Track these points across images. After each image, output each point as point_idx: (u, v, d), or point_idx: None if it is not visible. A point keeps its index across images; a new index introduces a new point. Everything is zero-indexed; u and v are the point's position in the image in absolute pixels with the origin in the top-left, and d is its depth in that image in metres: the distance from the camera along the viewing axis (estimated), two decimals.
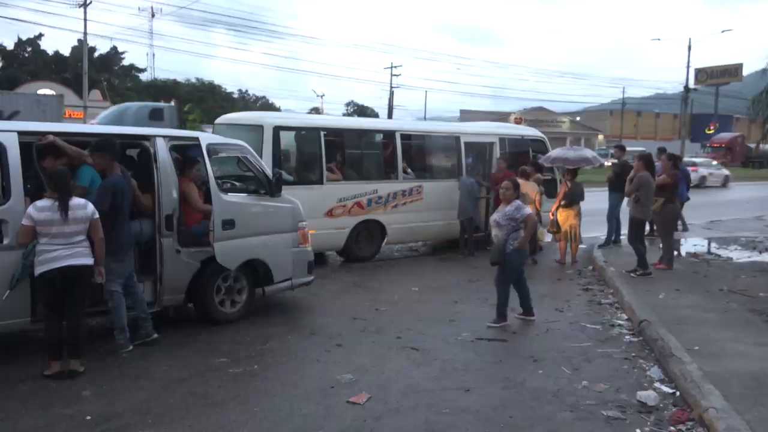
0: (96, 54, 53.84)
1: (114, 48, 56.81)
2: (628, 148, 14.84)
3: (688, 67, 45.45)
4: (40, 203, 4.95)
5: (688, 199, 12.76)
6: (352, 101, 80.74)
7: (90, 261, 5.08)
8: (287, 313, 7.21)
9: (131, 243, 5.80)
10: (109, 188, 5.48)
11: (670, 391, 4.88)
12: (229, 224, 6.31)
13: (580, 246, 10.89)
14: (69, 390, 4.78)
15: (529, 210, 6.74)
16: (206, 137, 6.60)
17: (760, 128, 15.04)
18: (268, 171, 6.98)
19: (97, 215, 5.11)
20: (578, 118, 69.19)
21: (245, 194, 6.89)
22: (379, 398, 4.69)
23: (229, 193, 6.61)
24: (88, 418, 4.32)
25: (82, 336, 5.20)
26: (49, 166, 5.31)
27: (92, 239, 5.12)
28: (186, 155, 6.58)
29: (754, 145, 29.67)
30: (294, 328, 6.60)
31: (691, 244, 12.38)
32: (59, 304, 5.02)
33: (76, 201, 5.02)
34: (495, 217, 6.86)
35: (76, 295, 5.08)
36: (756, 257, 10.99)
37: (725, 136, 47.63)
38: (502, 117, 55.24)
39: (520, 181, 10.75)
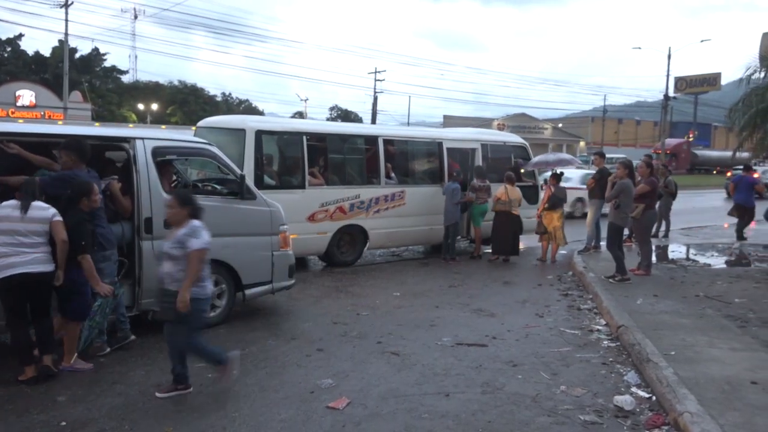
0: (77, 55, 53.28)
1: (95, 49, 56.35)
2: (608, 155, 15.15)
3: (667, 75, 46.16)
4: (5, 203, 4.94)
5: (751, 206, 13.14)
6: (336, 106, 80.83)
7: (49, 268, 4.96)
8: (268, 318, 7.18)
9: (115, 241, 5.74)
10: (59, 178, 5.44)
11: (647, 395, 4.93)
12: None
13: (560, 250, 11.17)
14: (44, 395, 4.72)
15: (201, 243, 4.63)
16: (152, 139, 6.33)
17: (737, 137, 15.29)
18: (238, 173, 6.86)
19: (58, 218, 5.01)
20: (560, 125, 69.84)
21: (203, 195, 6.78)
22: (359, 403, 4.69)
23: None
24: (63, 423, 4.26)
25: (51, 334, 5.16)
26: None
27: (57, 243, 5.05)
28: None
29: (731, 153, 30.20)
30: (274, 332, 6.57)
31: (669, 250, 12.55)
32: (24, 310, 4.96)
33: (37, 203, 5.00)
34: (165, 246, 4.74)
35: (38, 302, 5.02)
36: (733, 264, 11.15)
37: (670, 142, 47.99)
38: (485, 123, 55.65)
39: (507, 186, 11.09)
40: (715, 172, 49.92)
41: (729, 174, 13.84)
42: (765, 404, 4.49)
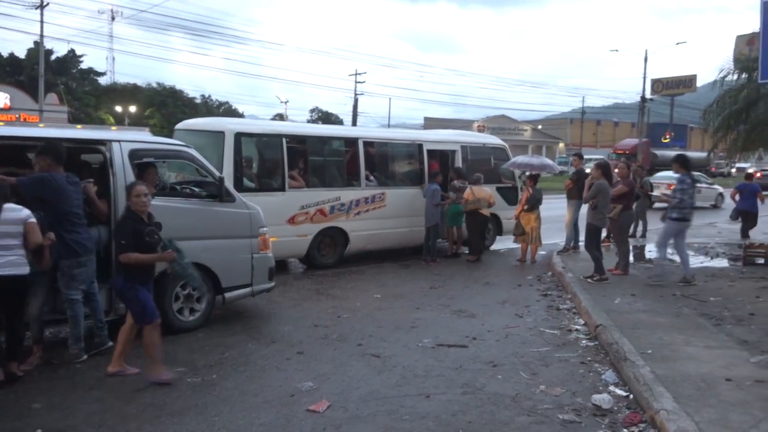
0: (53, 57, 52.48)
1: (72, 51, 55.49)
2: (586, 157, 15.41)
3: (644, 77, 46.76)
4: None
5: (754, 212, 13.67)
6: (317, 108, 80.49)
7: (22, 271, 4.92)
8: (247, 321, 7.14)
9: (92, 247, 5.66)
10: (37, 179, 5.35)
11: (624, 394, 4.99)
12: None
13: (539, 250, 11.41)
14: (19, 402, 4.65)
15: None
16: (129, 141, 6.24)
17: (712, 138, 15.63)
18: (217, 175, 6.81)
19: (32, 219, 4.96)
20: (539, 127, 70.46)
21: (182, 198, 6.74)
22: (339, 406, 4.69)
23: (156, 197, 6.41)
24: (39, 431, 4.20)
25: (22, 340, 5.12)
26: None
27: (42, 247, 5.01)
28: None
29: (705, 154, 30.76)
30: (254, 336, 6.54)
31: (646, 250, 12.71)
32: None
33: (10, 206, 4.95)
34: None
35: (9, 305, 4.95)
36: (707, 263, 11.33)
37: (629, 142, 48.17)
38: (465, 125, 55.93)
39: (474, 187, 11.26)
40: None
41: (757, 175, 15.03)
42: (739, 400, 4.57)
